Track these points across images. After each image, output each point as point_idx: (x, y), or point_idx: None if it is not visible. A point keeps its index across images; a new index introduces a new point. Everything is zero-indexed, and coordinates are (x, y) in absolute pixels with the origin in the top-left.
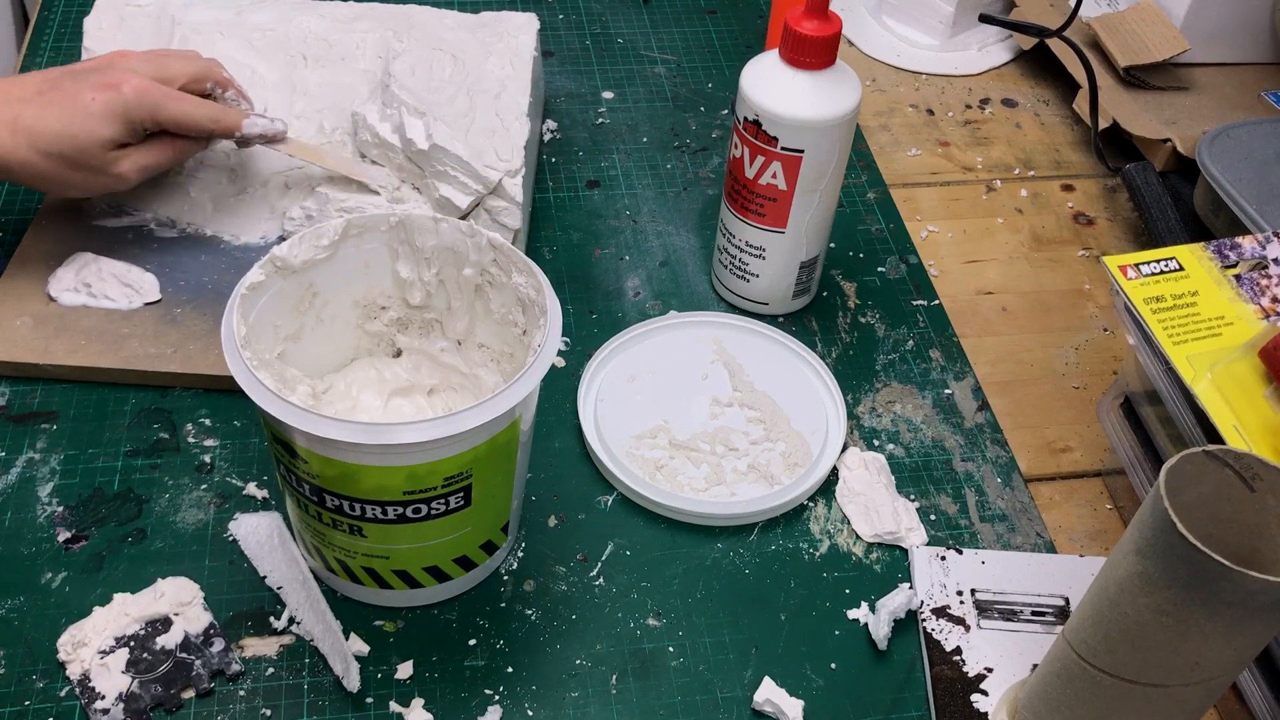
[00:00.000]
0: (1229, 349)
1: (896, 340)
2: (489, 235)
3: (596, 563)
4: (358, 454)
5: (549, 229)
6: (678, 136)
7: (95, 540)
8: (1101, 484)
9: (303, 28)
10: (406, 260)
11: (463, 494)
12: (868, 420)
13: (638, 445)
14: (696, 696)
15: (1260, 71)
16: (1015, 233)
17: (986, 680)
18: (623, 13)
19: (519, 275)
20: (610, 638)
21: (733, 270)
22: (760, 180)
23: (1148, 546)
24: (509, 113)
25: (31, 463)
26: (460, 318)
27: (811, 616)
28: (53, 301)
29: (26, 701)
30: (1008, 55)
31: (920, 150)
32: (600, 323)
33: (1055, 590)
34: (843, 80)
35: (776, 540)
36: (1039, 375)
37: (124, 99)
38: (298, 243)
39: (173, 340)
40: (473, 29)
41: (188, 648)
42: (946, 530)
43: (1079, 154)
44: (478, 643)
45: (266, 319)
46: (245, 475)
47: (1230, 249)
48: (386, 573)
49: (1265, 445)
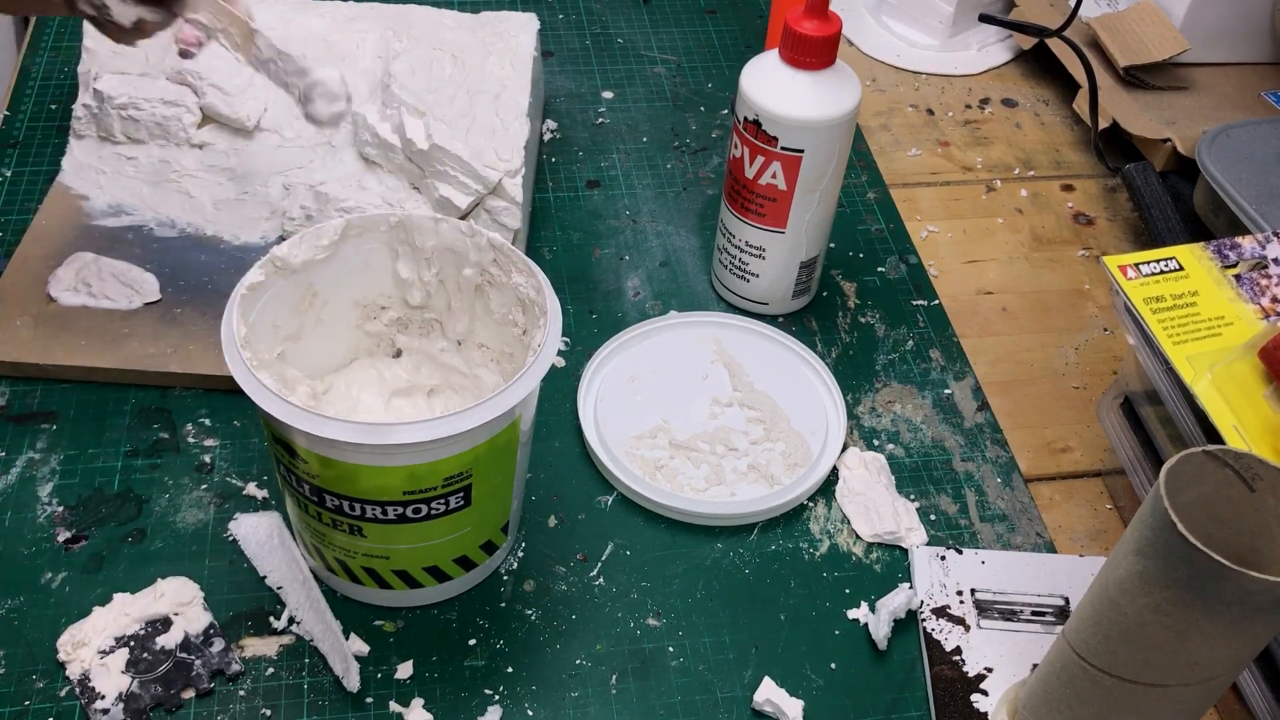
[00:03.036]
0: (1229, 349)
1: (896, 340)
2: (489, 235)
3: (596, 563)
4: (358, 454)
5: (549, 229)
6: (678, 136)
7: (95, 540)
8: (1101, 484)
9: (303, 28)
10: (406, 260)
11: (463, 494)
12: (868, 420)
13: (638, 445)
14: (696, 696)
15: (1260, 71)
16: (1015, 233)
17: (986, 680)
18: (623, 13)
19: (519, 275)
20: (610, 638)
21: (733, 270)
22: (760, 180)
23: (1148, 546)
24: (509, 113)
25: (31, 463)
26: (460, 318)
27: (811, 616)
28: (53, 301)
29: (26, 701)
30: (1008, 55)
31: (920, 150)
32: (600, 323)
33: (1055, 590)
34: (843, 80)
35: (776, 540)
36: (1039, 375)
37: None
38: (298, 243)
39: (173, 340)
40: (473, 29)
41: (188, 648)
42: (946, 530)
43: (1079, 154)
44: (478, 643)
45: (266, 319)
46: (245, 475)
47: (1230, 249)
48: (386, 573)
49: (1265, 445)
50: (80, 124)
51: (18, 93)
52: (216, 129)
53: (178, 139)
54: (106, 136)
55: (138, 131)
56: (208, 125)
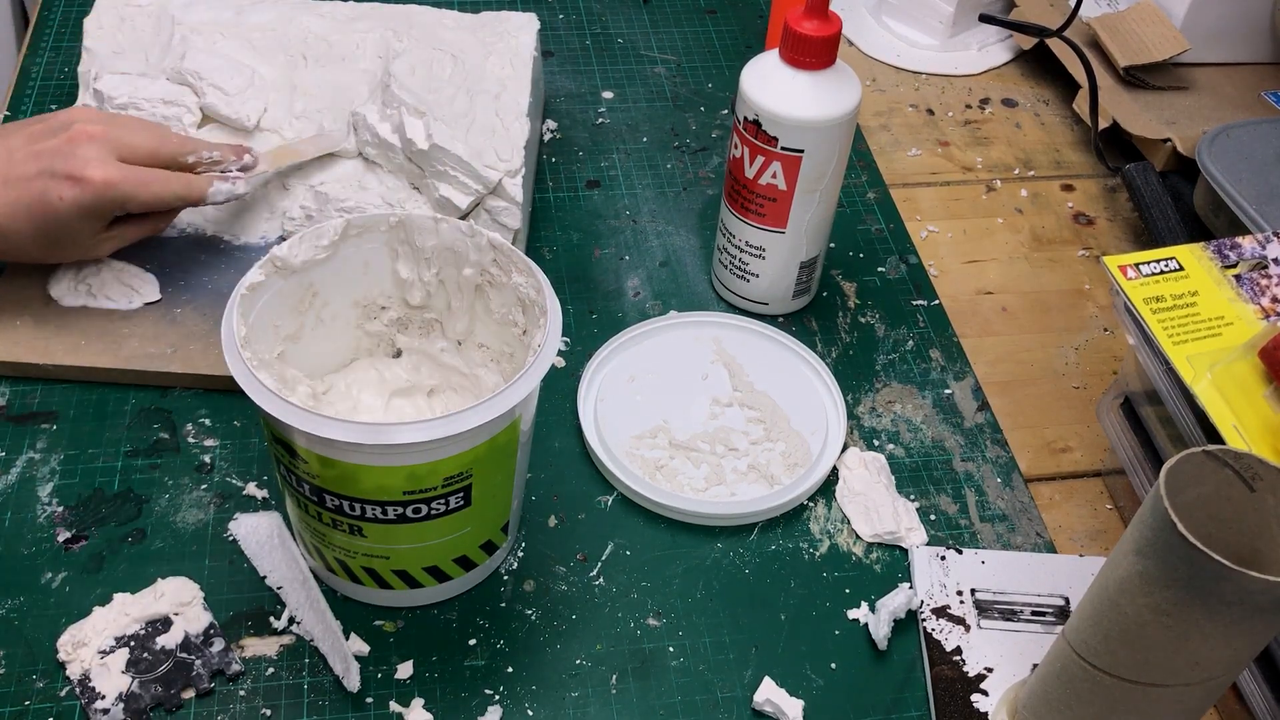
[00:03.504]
0: (1229, 349)
1: (896, 340)
2: (489, 235)
3: (596, 563)
4: (357, 454)
5: (549, 229)
6: (678, 136)
7: (95, 540)
8: (1101, 484)
9: (303, 28)
10: (406, 260)
11: (463, 494)
12: (868, 420)
13: (638, 445)
14: (696, 696)
15: (1260, 71)
16: (1015, 233)
17: (986, 680)
18: (623, 13)
19: (519, 275)
20: (610, 638)
21: (733, 270)
22: (760, 180)
23: (1148, 546)
24: (509, 113)
25: (31, 463)
26: (460, 318)
27: (811, 616)
28: (53, 301)
29: (26, 701)
30: (1008, 55)
31: (920, 150)
32: (600, 323)
33: (1055, 590)
34: (843, 80)
35: (776, 540)
36: (1039, 375)
37: (94, 193)
38: (298, 243)
39: (173, 340)
40: (473, 29)
41: (188, 648)
42: (946, 530)
43: (1079, 154)
44: (478, 643)
45: (266, 319)
46: (245, 475)
47: (1230, 249)
48: (386, 573)
49: (1265, 445)
50: None
51: (18, 93)
52: (216, 129)
53: None
54: None
55: None
56: (208, 125)
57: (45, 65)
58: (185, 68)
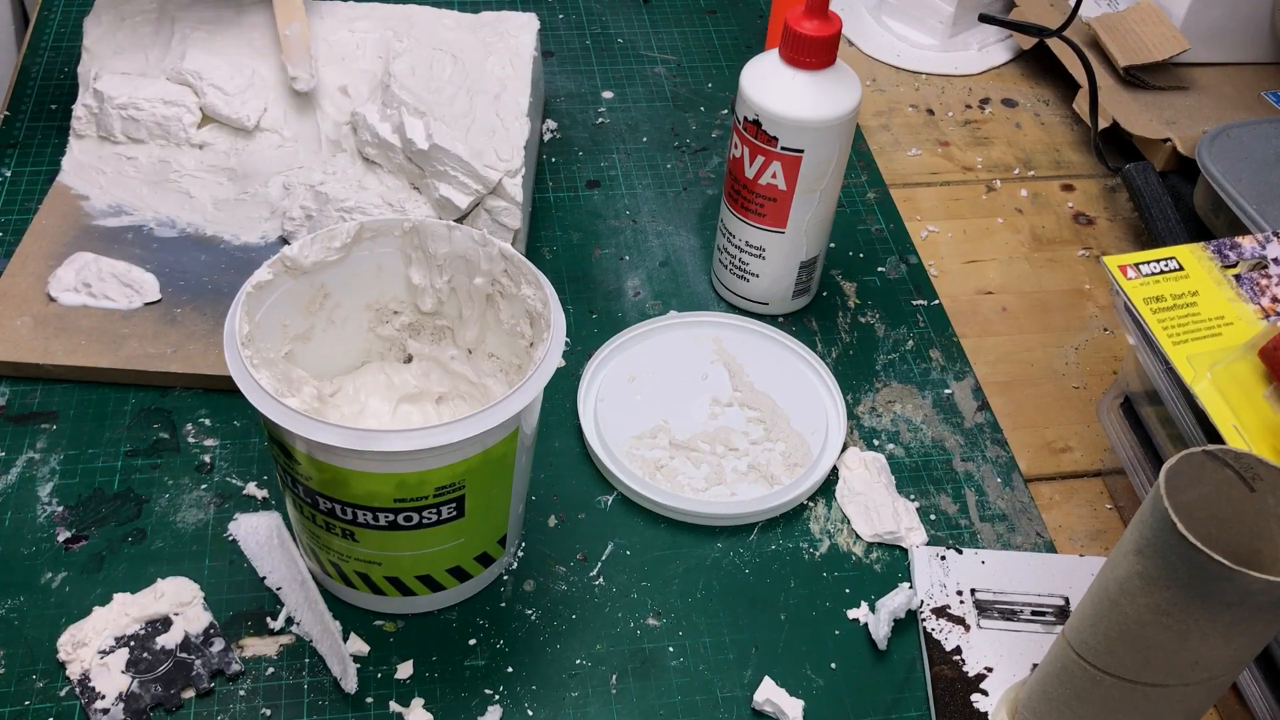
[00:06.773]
0: (1229, 349)
1: (896, 340)
2: (500, 245)
3: (596, 563)
4: (345, 459)
5: (549, 229)
6: (678, 136)
7: (95, 540)
8: (1101, 484)
9: None
10: (419, 266)
11: (455, 505)
12: (868, 420)
13: (638, 445)
14: (696, 696)
15: (1260, 71)
16: (1015, 233)
17: (986, 680)
18: (623, 13)
19: (528, 287)
20: (610, 638)
21: (733, 270)
22: (760, 180)
23: (1148, 546)
24: (509, 113)
25: (31, 463)
26: (471, 326)
27: (811, 616)
28: (53, 301)
29: (26, 701)
30: (1008, 55)
31: (920, 150)
32: (600, 323)
33: (1055, 590)
34: (843, 80)
35: (776, 540)
36: (1039, 375)
37: None
38: (309, 244)
39: (173, 340)
40: (473, 29)
41: (188, 648)
42: (946, 530)
43: (1079, 154)
44: (478, 643)
45: (275, 318)
46: (245, 475)
47: (1230, 249)
48: (379, 579)
49: (1265, 445)
50: (80, 124)
51: (18, 93)
52: (216, 129)
53: (178, 139)
54: (106, 136)
55: (138, 131)
56: (208, 125)
57: (45, 65)
58: (185, 68)
